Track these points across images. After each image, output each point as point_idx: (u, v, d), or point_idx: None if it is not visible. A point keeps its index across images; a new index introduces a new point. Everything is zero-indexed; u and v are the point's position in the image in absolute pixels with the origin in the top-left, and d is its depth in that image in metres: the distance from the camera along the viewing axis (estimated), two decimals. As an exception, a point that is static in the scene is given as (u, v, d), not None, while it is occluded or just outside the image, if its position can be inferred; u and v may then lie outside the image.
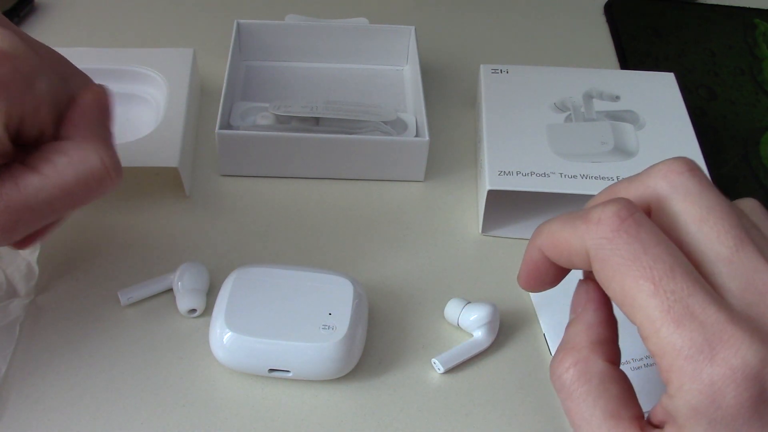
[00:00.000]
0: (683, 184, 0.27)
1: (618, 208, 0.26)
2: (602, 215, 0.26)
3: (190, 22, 0.62)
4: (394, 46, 0.56)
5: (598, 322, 0.29)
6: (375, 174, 0.49)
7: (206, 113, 0.53)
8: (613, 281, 0.26)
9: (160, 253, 0.44)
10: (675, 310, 0.24)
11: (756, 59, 0.61)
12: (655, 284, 0.25)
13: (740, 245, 0.26)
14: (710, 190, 0.27)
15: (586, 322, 0.30)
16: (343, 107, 0.50)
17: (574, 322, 0.30)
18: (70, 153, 0.31)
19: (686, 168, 0.28)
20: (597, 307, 0.30)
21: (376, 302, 0.42)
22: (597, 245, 0.26)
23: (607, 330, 0.30)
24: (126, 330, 0.40)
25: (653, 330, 0.25)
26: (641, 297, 0.25)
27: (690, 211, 0.27)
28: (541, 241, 0.30)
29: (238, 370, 0.38)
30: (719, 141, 0.54)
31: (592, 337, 0.29)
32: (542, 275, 0.31)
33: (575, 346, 0.29)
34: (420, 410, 0.38)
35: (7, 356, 0.38)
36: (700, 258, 0.26)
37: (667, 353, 0.24)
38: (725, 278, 0.25)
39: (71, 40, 0.59)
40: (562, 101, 0.50)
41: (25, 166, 0.30)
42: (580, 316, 0.30)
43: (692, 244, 0.26)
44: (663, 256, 0.25)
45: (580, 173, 0.45)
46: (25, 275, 0.41)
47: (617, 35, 0.63)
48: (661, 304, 0.25)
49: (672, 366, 0.24)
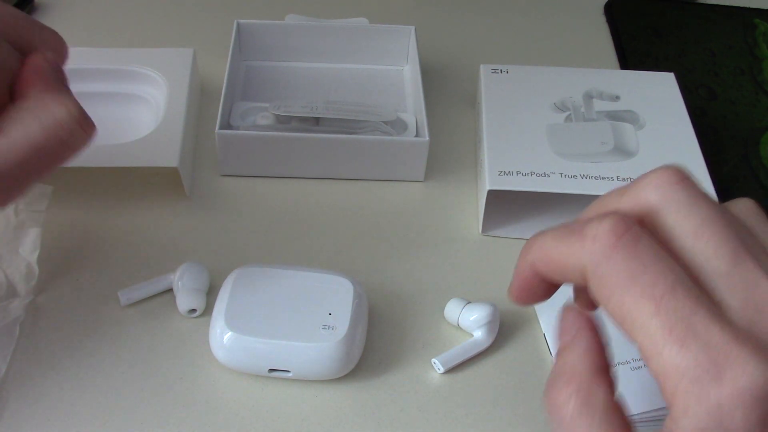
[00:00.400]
0: (675, 195, 0.27)
1: (614, 223, 0.25)
2: (598, 231, 0.26)
3: (190, 22, 0.62)
4: (394, 46, 0.56)
5: (597, 348, 0.28)
6: (375, 174, 0.49)
7: (206, 113, 0.53)
8: (612, 299, 0.25)
9: (160, 253, 0.44)
10: (678, 330, 0.23)
11: (756, 59, 0.61)
12: (656, 303, 0.24)
13: (737, 259, 0.25)
14: (703, 201, 0.27)
15: (584, 348, 0.28)
16: (343, 107, 0.50)
17: (570, 348, 0.28)
18: (31, 108, 0.29)
19: (677, 178, 0.27)
20: (592, 332, 0.28)
21: (376, 302, 0.42)
22: (594, 263, 0.26)
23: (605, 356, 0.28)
24: (126, 330, 0.40)
25: (655, 351, 0.24)
26: (642, 316, 0.24)
27: (684, 225, 0.26)
28: (533, 256, 0.29)
29: (238, 370, 0.38)
30: (719, 141, 0.54)
31: (592, 364, 0.27)
32: (534, 289, 0.30)
33: (575, 374, 0.27)
34: (420, 410, 0.38)
35: (7, 356, 0.38)
36: (697, 273, 0.25)
37: (671, 375, 0.24)
38: (725, 294, 0.25)
39: (71, 40, 0.58)
40: (562, 101, 0.50)
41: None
42: (576, 341, 0.28)
43: (689, 258, 0.26)
44: (664, 273, 0.24)
45: (580, 173, 0.45)
46: (25, 275, 0.41)
47: (617, 35, 0.63)
48: (663, 324, 0.24)
49: (677, 388, 0.23)
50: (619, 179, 0.45)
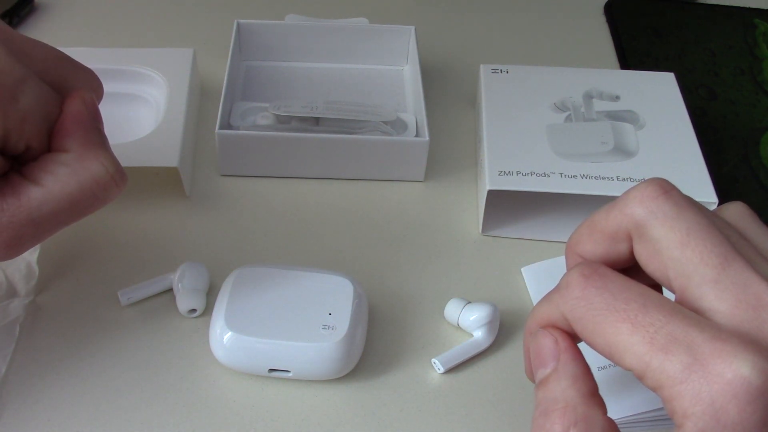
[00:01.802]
0: (659, 208, 0.27)
1: (581, 269, 0.27)
2: (569, 279, 0.27)
3: (190, 22, 0.62)
4: (394, 46, 0.56)
5: (584, 373, 0.28)
6: (375, 174, 0.49)
7: (206, 113, 0.53)
8: (595, 334, 0.26)
9: (160, 253, 0.44)
10: (658, 340, 0.24)
11: (756, 59, 0.61)
12: (632, 322, 0.25)
13: (726, 263, 0.25)
14: (688, 210, 0.27)
15: (571, 375, 0.27)
16: (343, 107, 0.50)
17: (555, 377, 0.28)
18: (70, 163, 0.30)
19: (660, 191, 0.27)
20: (575, 356, 0.28)
21: (376, 302, 0.42)
22: (571, 307, 0.27)
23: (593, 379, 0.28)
24: (126, 330, 0.40)
25: (644, 365, 0.25)
26: (623, 338, 0.25)
27: (670, 236, 0.26)
28: (528, 325, 0.31)
29: (238, 370, 0.38)
30: (719, 141, 0.54)
31: (584, 390, 0.27)
32: None
33: (569, 405, 0.27)
34: (420, 410, 0.38)
35: (7, 356, 0.38)
36: (686, 282, 0.26)
37: (664, 383, 0.24)
38: (713, 300, 0.25)
39: (71, 40, 0.59)
40: (562, 101, 0.50)
41: (25, 178, 0.30)
42: (561, 369, 0.28)
43: (677, 269, 0.26)
44: (633, 296, 0.26)
45: (580, 173, 0.45)
46: (25, 275, 0.41)
47: (617, 35, 0.63)
48: (643, 338, 0.25)
49: (672, 395, 0.24)
50: (619, 179, 0.45)
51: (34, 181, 0.30)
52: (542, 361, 0.28)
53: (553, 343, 0.28)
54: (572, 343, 0.28)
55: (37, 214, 0.29)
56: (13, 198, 0.29)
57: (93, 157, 0.30)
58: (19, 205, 0.29)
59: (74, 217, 0.31)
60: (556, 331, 0.29)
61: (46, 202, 0.29)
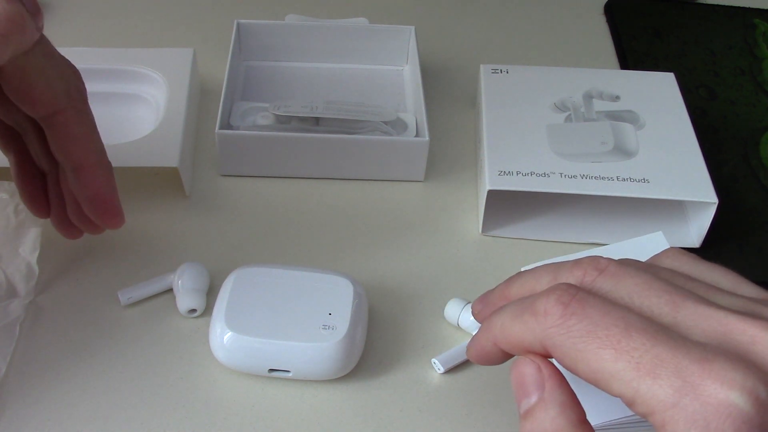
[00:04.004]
0: (599, 286, 0.27)
1: (559, 294, 0.26)
2: (547, 306, 0.26)
3: (190, 22, 0.62)
4: (394, 46, 0.56)
5: (571, 399, 0.27)
6: (375, 174, 0.49)
7: (206, 113, 0.53)
8: (578, 362, 0.25)
9: (160, 253, 0.44)
10: (644, 364, 0.24)
11: (756, 59, 0.61)
12: (615, 348, 0.24)
13: (676, 307, 0.25)
14: (624, 276, 0.27)
15: (559, 403, 0.26)
16: (343, 107, 0.50)
17: (542, 407, 0.27)
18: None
19: (596, 273, 0.27)
20: (560, 383, 0.27)
21: (376, 302, 0.42)
22: (550, 335, 0.26)
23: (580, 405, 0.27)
24: (126, 330, 0.40)
25: (633, 391, 0.24)
26: (608, 365, 0.24)
27: (617, 294, 0.27)
28: (494, 335, 0.29)
29: (238, 370, 0.38)
30: (719, 141, 0.54)
31: (573, 418, 0.26)
32: (492, 358, 0.30)
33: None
34: (420, 410, 0.38)
35: (7, 356, 0.38)
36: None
37: (656, 409, 0.23)
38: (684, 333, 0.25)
39: (71, 40, 0.59)
40: (562, 101, 0.50)
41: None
42: (548, 398, 0.27)
43: (639, 312, 0.26)
44: (615, 322, 0.25)
45: (580, 173, 0.45)
46: (25, 275, 0.41)
47: (617, 35, 0.63)
48: (629, 363, 0.24)
49: (665, 420, 0.23)
50: (619, 179, 0.45)
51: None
52: (526, 391, 0.27)
53: (536, 371, 0.27)
54: (555, 370, 0.27)
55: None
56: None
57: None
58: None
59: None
60: (537, 358, 0.27)
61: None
